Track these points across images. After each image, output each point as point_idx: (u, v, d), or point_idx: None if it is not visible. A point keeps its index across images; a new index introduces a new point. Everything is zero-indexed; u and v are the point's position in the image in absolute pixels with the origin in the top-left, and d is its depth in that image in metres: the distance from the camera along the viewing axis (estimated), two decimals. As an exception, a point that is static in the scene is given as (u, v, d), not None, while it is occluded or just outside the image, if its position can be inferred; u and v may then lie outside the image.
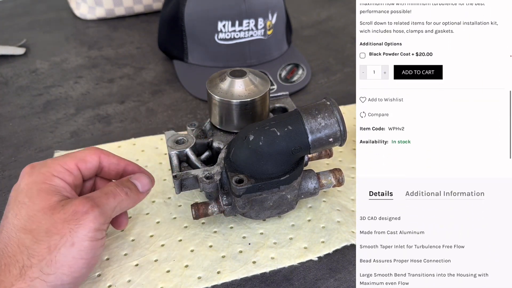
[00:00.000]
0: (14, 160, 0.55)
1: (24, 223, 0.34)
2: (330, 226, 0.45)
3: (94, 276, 0.40)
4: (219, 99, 0.43)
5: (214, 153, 0.46)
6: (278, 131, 0.38)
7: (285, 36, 0.76)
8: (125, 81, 0.72)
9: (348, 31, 0.90)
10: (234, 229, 0.45)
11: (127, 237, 0.44)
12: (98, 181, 0.42)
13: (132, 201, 0.38)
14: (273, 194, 0.40)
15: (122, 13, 0.93)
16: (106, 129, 0.60)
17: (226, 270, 0.41)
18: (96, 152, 0.40)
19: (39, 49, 0.82)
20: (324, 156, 0.49)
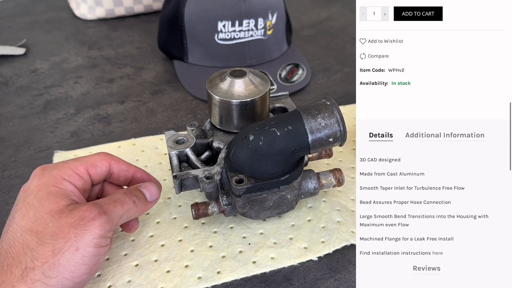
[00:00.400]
0: (14, 160, 0.55)
1: (30, 224, 0.34)
2: (330, 226, 0.45)
3: (94, 276, 0.40)
4: (219, 99, 0.43)
5: (214, 153, 0.46)
6: (278, 131, 0.38)
7: (285, 36, 0.76)
8: (125, 81, 0.72)
9: (348, 31, 0.90)
10: (234, 229, 0.45)
11: (127, 237, 0.44)
12: (106, 186, 0.42)
13: (139, 210, 0.39)
14: (273, 194, 0.40)
15: (122, 13, 0.93)
16: (106, 129, 0.60)
17: (226, 270, 0.41)
18: (106, 158, 0.40)
19: (39, 49, 0.82)
20: (324, 156, 0.49)
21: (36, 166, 0.43)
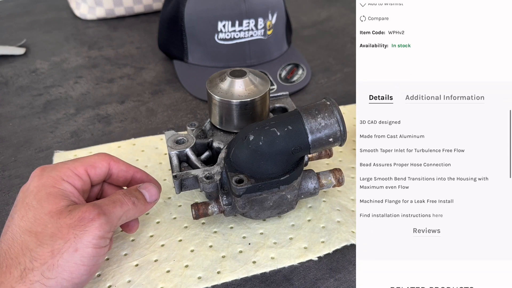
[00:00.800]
0: (14, 160, 0.55)
1: (30, 225, 0.34)
2: (330, 226, 0.45)
3: (94, 276, 0.40)
4: (219, 99, 0.43)
5: (214, 153, 0.46)
6: (278, 131, 0.38)
7: (285, 36, 0.76)
8: (125, 81, 0.72)
9: (348, 31, 0.90)
10: (234, 229, 0.45)
11: (127, 237, 0.44)
12: (105, 187, 0.42)
13: (138, 211, 0.38)
14: (273, 194, 0.40)
15: (122, 13, 0.93)
16: (106, 129, 0.60)
17: (226, 270, 0.41)
18: (106, 159, 0.40)
19: (39, 49, 0.82)
20: (324, 156, 0.49)
21: (36, 166, 0.43)
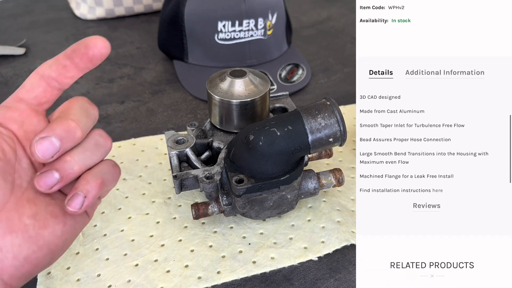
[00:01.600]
0: (14, 160, 0.55)
1: None
2: (330, 226, 0.45)
3: (94, 276, 0.40)
4: (219, 99, 0.43)
5: (214, 153, 0.46)
6: (278, 131, 0.38)
7: (285, 36, 0.76)
8: (125, 81, 0.72)
9: (348, 31, 0.90)
10: (234, 229, 0.45)
11: (127, 237, 0.44)
12: None
13: None
14: (273, 194, 0.40)
15: (122, 13, 0.93)
16: (106, 129, 0.60)
17: (226, 270, 0.41)
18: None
19: (39, 49, 0.82)
20: (324, 156, 0.49)
21: (36, 166, 0.43)
